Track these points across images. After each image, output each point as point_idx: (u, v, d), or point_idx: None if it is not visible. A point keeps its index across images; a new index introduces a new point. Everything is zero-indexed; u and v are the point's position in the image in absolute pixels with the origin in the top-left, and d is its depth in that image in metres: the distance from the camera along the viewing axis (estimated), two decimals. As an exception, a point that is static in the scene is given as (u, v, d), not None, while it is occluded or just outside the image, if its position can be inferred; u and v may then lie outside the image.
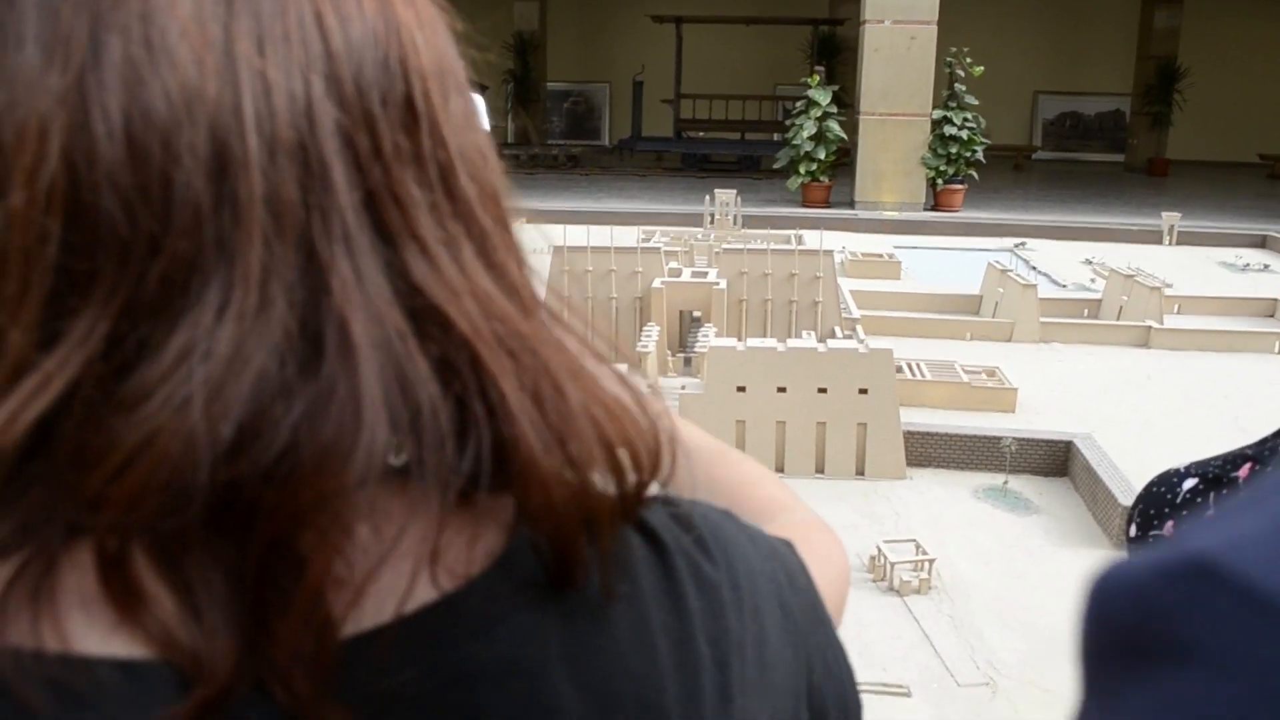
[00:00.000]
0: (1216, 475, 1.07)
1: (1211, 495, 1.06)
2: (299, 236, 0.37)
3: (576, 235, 4.16)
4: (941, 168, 11.60)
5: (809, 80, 11.78)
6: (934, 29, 11.44)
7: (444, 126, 0.42)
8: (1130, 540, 1.13)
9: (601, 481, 0.43)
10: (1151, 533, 1.09)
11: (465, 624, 0.40)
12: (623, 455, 0.43)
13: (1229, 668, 0.31)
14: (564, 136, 19.44)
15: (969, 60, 11.25)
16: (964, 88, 11.43)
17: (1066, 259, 6.62)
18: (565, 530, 0.41)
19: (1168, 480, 1.11)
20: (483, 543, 0.42)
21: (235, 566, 0.35)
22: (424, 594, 0.39)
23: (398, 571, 0.38)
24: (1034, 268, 6.41)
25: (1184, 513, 1.07)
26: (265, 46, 0.38)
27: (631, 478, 0.44)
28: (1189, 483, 1.09)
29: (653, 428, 0.45)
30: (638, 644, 0.42)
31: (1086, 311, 5.05)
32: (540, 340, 0.42)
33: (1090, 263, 6.55)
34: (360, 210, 0.38)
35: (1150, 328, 4.50)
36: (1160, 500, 1.10)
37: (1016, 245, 7.25)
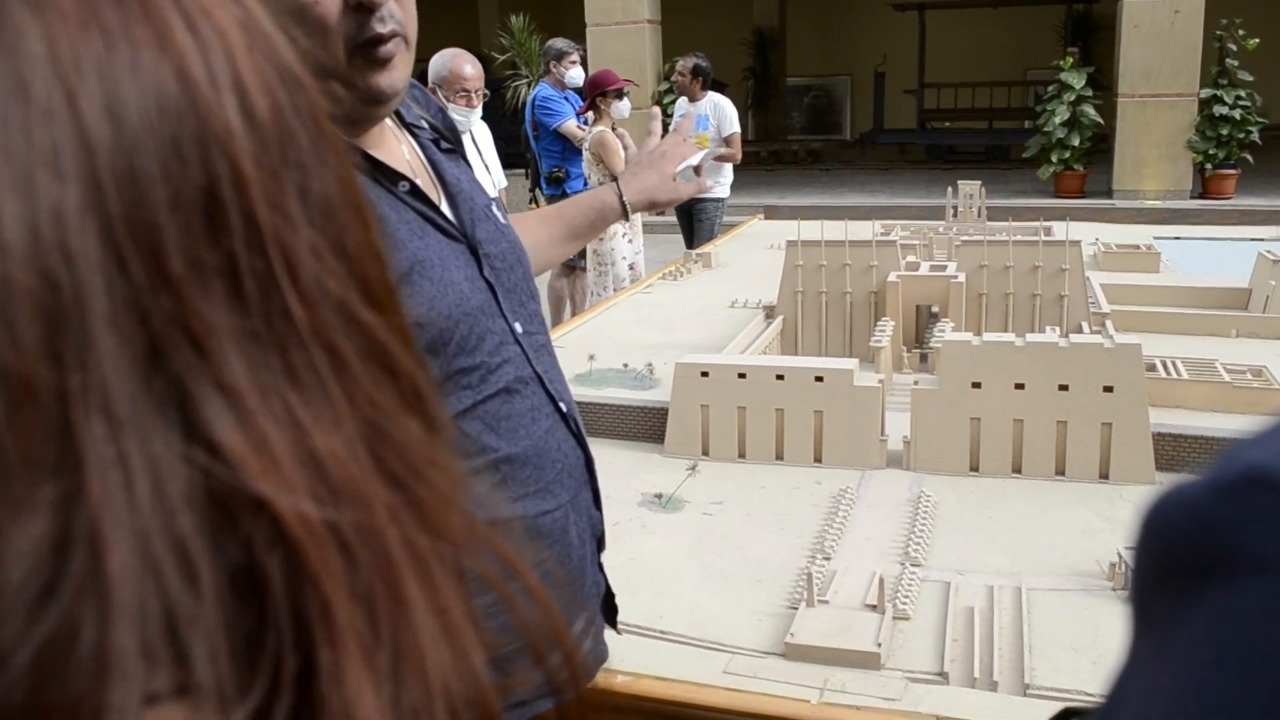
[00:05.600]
0: None
1: None
2: (50, 418, 0.27)
3: (810, 230, 4.14)
4: (1211, 151, 10.82)
5: (1062, 63, 11.25)
6: (1200, 0, 10.68)
7: (265, 223, 0.31)
8: None
9: None
10: None
11: None
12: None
13: None
14: (804, 132, 19.39)
15: (1242, 33, 10.44)
16: (1236, 63, 10.61)
17: (1355, 247, 6.05)
18: None
19: None
20: None
21: None
22: None
23: None
24: (1315, 257, 5.86)
25: None
26: None
27: None
28: None
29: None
30: None
31: (1375, 304, 4.60)
32: (395, 526, 0.32)
33: (1383, 250, 5.94)
34: (137, 365, 0.28)
35: None
36: None
37: (1295, 233, 6.66)
